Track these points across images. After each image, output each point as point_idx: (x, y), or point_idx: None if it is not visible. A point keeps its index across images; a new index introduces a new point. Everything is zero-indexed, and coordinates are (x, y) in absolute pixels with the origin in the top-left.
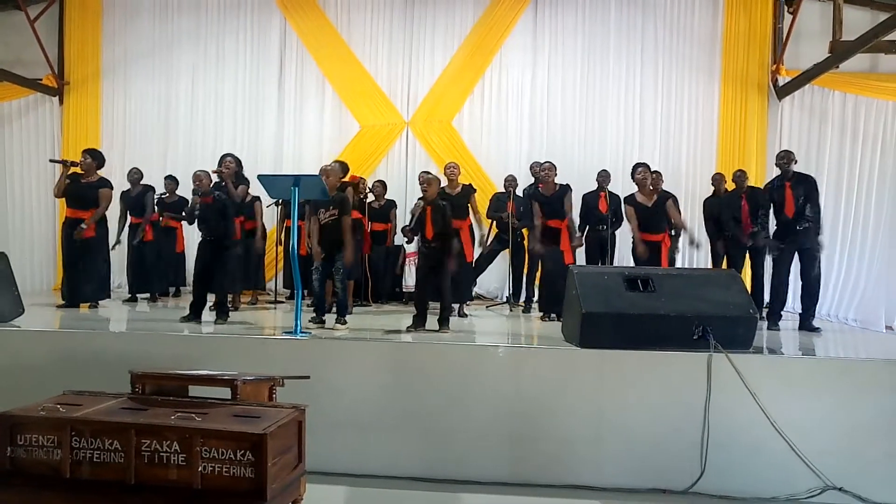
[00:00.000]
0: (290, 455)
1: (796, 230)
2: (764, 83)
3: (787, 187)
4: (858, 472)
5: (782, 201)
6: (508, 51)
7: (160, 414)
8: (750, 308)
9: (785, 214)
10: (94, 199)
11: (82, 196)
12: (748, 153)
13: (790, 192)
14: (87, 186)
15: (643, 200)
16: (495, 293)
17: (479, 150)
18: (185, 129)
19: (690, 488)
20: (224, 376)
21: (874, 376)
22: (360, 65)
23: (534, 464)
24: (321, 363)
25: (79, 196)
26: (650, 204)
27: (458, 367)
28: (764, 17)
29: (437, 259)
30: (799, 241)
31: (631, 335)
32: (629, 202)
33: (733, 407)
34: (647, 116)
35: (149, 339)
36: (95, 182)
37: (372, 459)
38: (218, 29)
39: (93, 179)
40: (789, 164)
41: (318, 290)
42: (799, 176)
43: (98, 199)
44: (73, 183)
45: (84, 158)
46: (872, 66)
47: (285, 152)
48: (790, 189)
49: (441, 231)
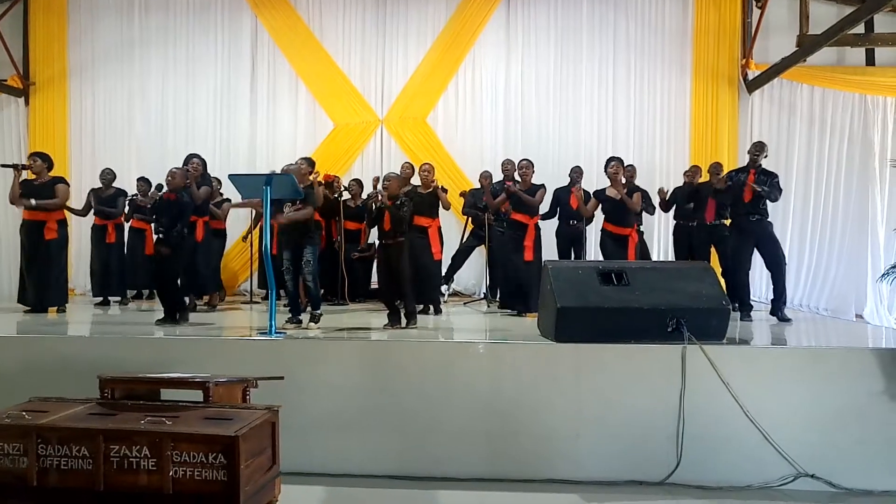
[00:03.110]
0: (263, 457)
1: (749, 222)
2: (734, 77)
3: (752, 173)
4: (830, 459)
5: (741, 188)
6: (482, 48)
7: (129, 418)
8: (723, 300)
9: (742, 200)
10: (51, 196)
11: (39, 196)
12: (720, 146)
13: (753, 178)
14: (41, 186)
15: (612, 194)
16: (473, 289)
17: (454, 147)
18: (156, 128)
19: (666, 479)
20: (196, 379)
21: (844, 364)
22: (333, 63)
23: (512, 459)
24: (297, 363)
25: (35, 197)
26: (618, 198)
27: (435, 365)
28: (733, 11)
29: (395, 256)
30: (755, 233)
31: (606, 329)
32: (598, 196)
33: (708, 398)
34: (621, 111)
35: (119, 343)
36: (49, 181)
37: (349, 459)
38: (188, 27)
39: (46, 181)
40: (759, 155)
41: (291, 289)
42: (764, 170)
43: (55, 194)
44: (27, 187)
45: (33, 161)
46: (839, 60)
47: (259, 151)
48: (753, 176)
49: (397, 228)
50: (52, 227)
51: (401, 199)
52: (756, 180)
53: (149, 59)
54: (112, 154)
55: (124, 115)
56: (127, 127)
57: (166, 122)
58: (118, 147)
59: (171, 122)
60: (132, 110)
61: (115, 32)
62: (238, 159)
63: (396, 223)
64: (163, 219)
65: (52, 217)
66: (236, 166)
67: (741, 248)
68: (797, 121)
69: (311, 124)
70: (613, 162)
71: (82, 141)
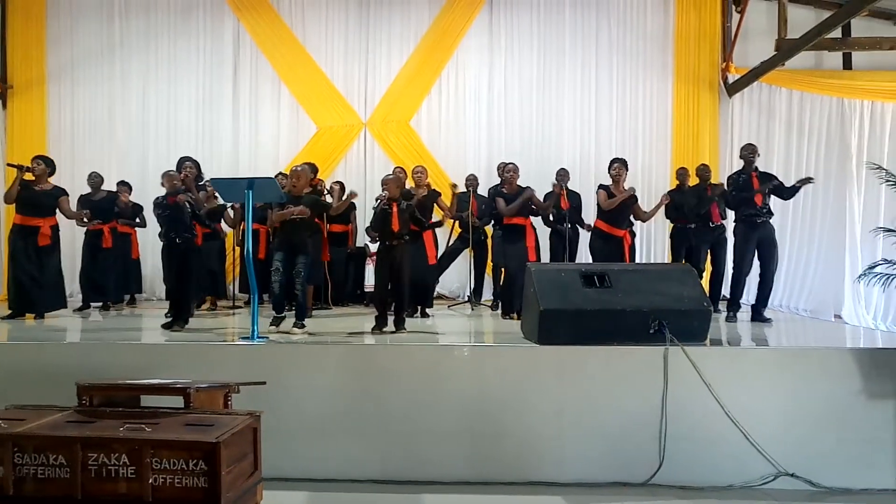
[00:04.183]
0: (245, 462)
1: (756, 223)
2: (715, 80)
3: (754, 177)
4: (809, 458)
5: (750, 190)
6: (465, 51)
7: (108, 426)
8: (704, 301)
9: (753, 202)
10: (52, 207)
11: (38, 203)
12: (701, 149)
13: (756, 183)
14: (43, 194)
15: (616, 193)
16: (457, 292)
17: (438, 151)
18: (137, 132)
19: (649, 480)
20: (176, 385)
21: (823, 364)
22: (316, 66)
23: (495, 462)
24: (280, 368)
25: (34, 203)
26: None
27: (419, 368)
28: (713, 15)
29: (398, 259)
30: (759, 235)
31: (588, 331)
32: (604, 188)
33: (690, 399)
34: (603, 114)
35: (101, 350)
36: (51, 190)
37: (333, 463)
38: (168, 30)
39: (46, 187)
40: (753, 155)
41: (277, 292)
42: (763, 172)
43: (57, 207)
44: (26, 189)
45: (37, 164)
46: (817, 64)
47: (241, 155)
48: (757, 179)
49: (404, 230)
50: (46, 232)
51: (403, 202)
52: (760, 182)
53: (129, 62)
54: (92, 158)
55: (104, 119)
56: (107, 131)
57: (147, 126)
58: (98, 151)
59: (152, 126)
60: (113, 114)
61: (95, 35)
62: (221, 163)
63: (408, 223)
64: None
65: (47, 223)
66: (219, 170)
67: (744, 248)
68: (776, 124)
69: (294, 127)
70: (616, 164)
71: (61, 145)
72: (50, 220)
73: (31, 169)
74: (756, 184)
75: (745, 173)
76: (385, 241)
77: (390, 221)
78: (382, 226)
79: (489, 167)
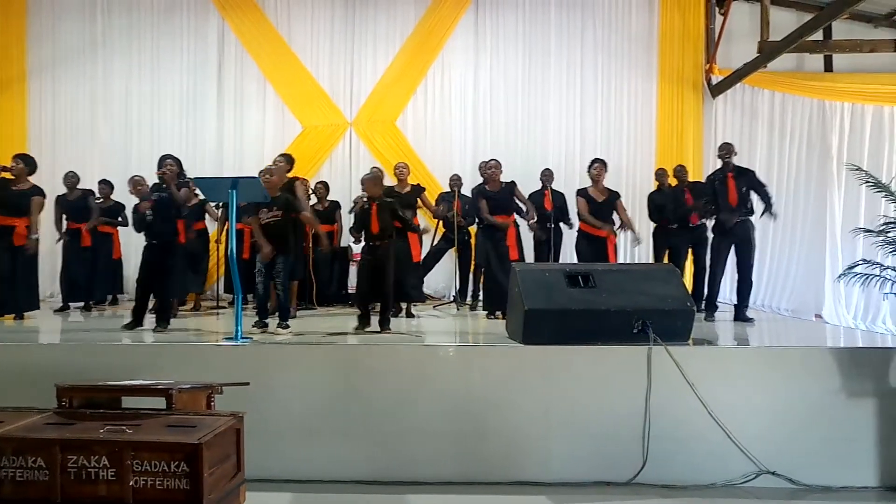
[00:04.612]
0: (228, 464)
1: (734, 223)
2: (699, 81)
3: (730, 178)
4: (790, 456)
5: (725, 192)
6: (450, 51)
7: (88, 428)
8: (687, 301)
9: (728, 204)
10: (27, 207)
11: (13, 203)
12: (685, 149)
13: (732, 182)
14: (19, 194)
15: (595, 195)
16: (443, 292)
17: (424, 150)
18: (120, 131)
19: (633, 479)
20: (158, 386)
21: (804, 363)
22: (302, 65)
23: (481, 462)
24: (264, 369)
25: (10, 203)
26: (601, 200)
27: (405, 368)
28: (696, 17)
29: (382, 258)
30: (737, 234)
31: (573, 331)
32: (581, 194)
33: (673, 398)
34: (588, 114)
35: (82, 350)
36: (28, 189)
37: (317, 464)
38: (152, 29)
39: (24, 186)
40: (730, 155)
41: (261, 293)
42: (739, 168)
43: (30, 207)
44: (3, 189)
45: (16, 163)
46: (798, 66)
47: (226, 154)
48: (732, 180)
49: (386, 229)
50: (22, 232)
51: (383, 200)
52: (736, 184)
53: (112, 60)
54: (73, 157)
55: (86, 118)
56: (89, 130)
57: (130, 125)
58: (80, 150)
59: (135, 125)
60: (95, 113)
61: (76, 33)
62: (205, 162)
63: (388, 222)
64: (153, 227)
65: (23, 223)
66: (203, 169)
67: (720, 248)
68: (759, 125)
69: (280, 127)
70: (596, 164)
71: (42, 144)
72: (26, 220)
73: (7, 168)
74: (732, 184)
75: (721, 175)
76: (367, 242)
77: (370, 222)
78: (363, 226)
79: (475, 167)
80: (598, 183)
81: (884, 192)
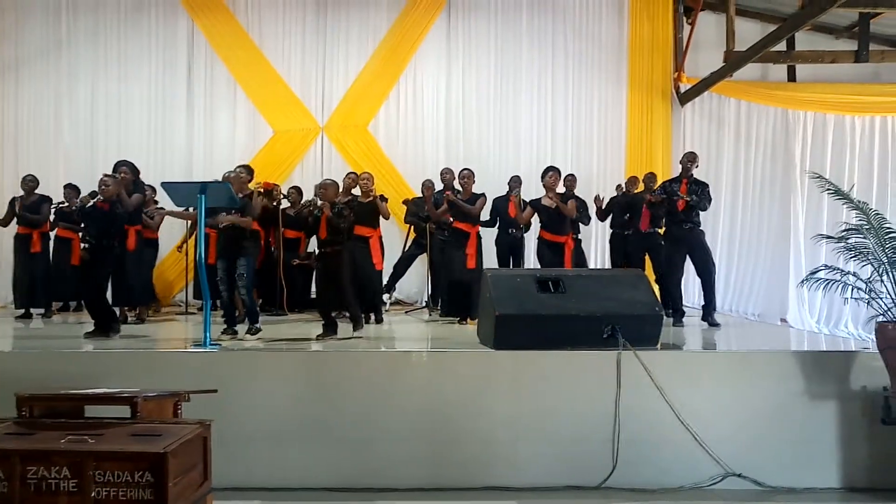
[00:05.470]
0: (194, 473)
1: (682, 230)
2: (667, 90)
3: (684, 183)
4: (756, 459)
5: (675, 196)
6: (423, 56)
7: (49, 438)
8: (656, 306)
9: (676, 208)
10: None
11: None
12: (654, 156)
13: (685, 188)
14: None
15: (548, 203)
16: (415, 298)
17: (396, 156)
18: (85, 134)
19: (602, 484)
20: (123, 394)
21: (769, 366)
22: (273, 69)
23: (452, 467)
24: (233, 375)
25: None
26: (554, 205)
27: (375, 374)
28: (665, 26)
29: (333, 264)
30: (687, 241)
31: (543, 336)
32: (533, 205)
33: (642, 402)
34: (559, 120)
35: (43, 359)
36: None
37: (287, 472)
38: (118, 28)
39: None
40: (691, 164)
41: (226, 299)
42: (696, 179)
43: None
44: None
45: None
46: (763, 76)
47: (195, 158)
48: (685, 186)
49: (334, 235)
50: None
51: (338, 207)
52: (688, 190)
53: (77, 61)
54: (37, 160)
55: (51, 120)
56: (53, 132)
57: (97, 127)
58: (44, 153)
59: (101, 128)
60: (59, 114)
61: (40, 32)
62: (174, 166)
63: (333, 231)
64: (91, 227)
65: None
66: (172, 173)
67: (673, 256)
68: (725, 133)
69: (250, 131)
70: (551, 172)
71: (4, 146)
72: None
73: None
74: (684, 190)
75: (677, 181)
76: (319, 248)
77: (320, 228)
78: (314, 233)
79: None
80: (553, 191)
81: (844, 200)
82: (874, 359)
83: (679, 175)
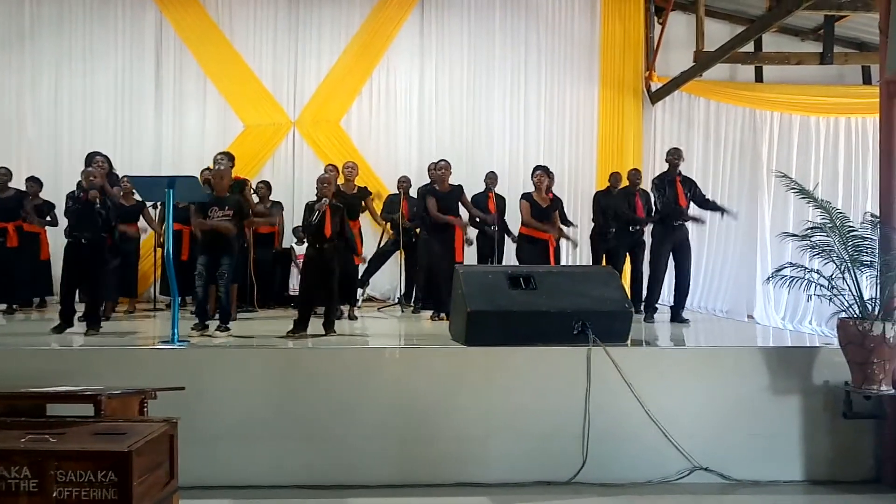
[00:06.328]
0: (160, 471)
1: (672, 227)
2: (639, 88)
3: (678, 181)
4: (722, 453)
5: (675, 194)
6: (396, 52)
7: (9, 437)
8: (625, 303)
9: (679, 206)
10: None
11: None
12: (626, 154)
13: (680, 186)
14: None
15: (539, 200)
16: (388, 294)
17: (368, 151)
18: (49, 126)
19: (572, 479)
20: (86, 392)
21: (736, 362)
22: (244, 62)
23: (422, 464)
24: (201, 372)
25: None
26: (544, 205)
27: (346, 371)
28: (636, 25)
29: (329, 261)
30: (676, 238)
31: (515, 332)
32: (526, 198)
33: (611, 398)
34: (532, 117)
35: (6, 355)
36: None
37: (256, 469)
38: (84, 19)
39: None
40: (679, 160)
41: (200, 295)
42: (684, 176)
43: None
44: None
45: None
46: (731, 76)
47: (164, 152)
48: (680, 184)
49: (338, 233)
50: None
51: (333, 203)
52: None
53: (41, 52)
54: None
55: (12, 112)
56: (15, 124)
57: (61, 120)
58: (6, 145)
59: (66, 120)
60: (22, 106)
61: (3, 23)
62: (142, 160)
63: (340, 226)
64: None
65: None
66: (140, 168)
67: (660, 251)
68: (695, 132)
69: (220, 125)
70: (539, 171)
71: None
72: None
73: None
74: (679, 188)
75: (669, 177)
76: (315, 244)
77: (324, 224)
78: (316, 229)
79: (420, 168)
80: (541, 190)
81: (808, 199)
82: (836, 354)
83: (668, 172)
